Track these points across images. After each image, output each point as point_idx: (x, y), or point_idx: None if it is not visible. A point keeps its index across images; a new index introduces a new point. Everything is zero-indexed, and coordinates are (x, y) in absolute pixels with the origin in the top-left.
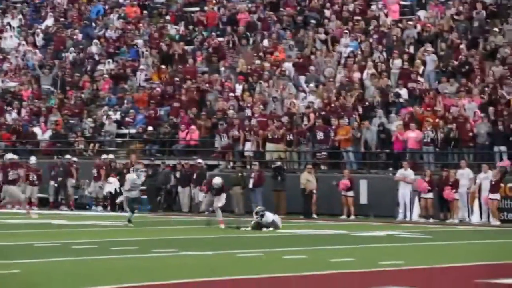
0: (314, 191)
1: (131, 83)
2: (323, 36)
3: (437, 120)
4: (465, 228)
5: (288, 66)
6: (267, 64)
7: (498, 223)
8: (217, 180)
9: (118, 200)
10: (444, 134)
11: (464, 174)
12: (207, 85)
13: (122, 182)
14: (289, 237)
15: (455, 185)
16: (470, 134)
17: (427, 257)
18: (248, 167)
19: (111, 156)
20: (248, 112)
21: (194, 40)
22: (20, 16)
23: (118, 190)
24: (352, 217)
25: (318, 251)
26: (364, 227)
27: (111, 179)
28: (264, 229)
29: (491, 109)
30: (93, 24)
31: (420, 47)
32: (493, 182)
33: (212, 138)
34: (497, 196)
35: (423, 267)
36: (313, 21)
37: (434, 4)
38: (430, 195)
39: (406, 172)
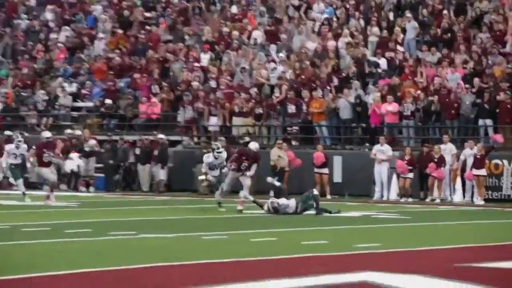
0: (286, 169)
1: (88, 53)
2: (296, 2)
3: (417, 92)
4: (446, 208)
5: (258, 34)
6: (235, 32)
7: (482, 202)
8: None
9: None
10: (425, 106)
11: (446, 150)
12: (171, 54)
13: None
14: (258, 218)
15: (441, 162)
16: (454, 106)
17: (405, 239)
18: (213, 143)
19: (78, 132)
20: (214, 83)
21: (156, 6)
22: None
23: (77, 169)
24: (328, 196)
25: (289, 233)
26: (338, 207)
27: (72, 155)
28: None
29: (476, 80)
30: None
31: (400, 14)
32: (478, 156)
33: (175, 112)
34: (482, 171)
35: (401, 250)
36: None
37: None
38: (410, 175)
39: (382, 148)
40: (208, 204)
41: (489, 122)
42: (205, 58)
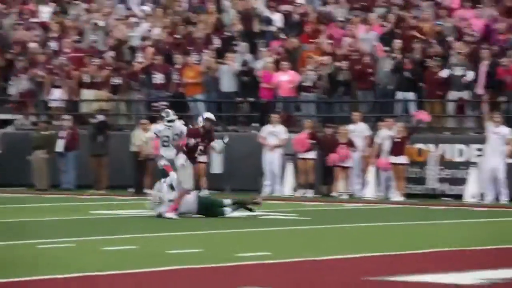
0: (151, 157)
1: None
2: None
3: (321, 56)
4: (355, 206)
5: None
6: None
7: (401, 198)
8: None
9: None
10: (330, 76)
11: (356, 131)
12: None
13: None
14: (115, 220)
15: (349, 147)
16: (367, 75)
17: (303, 246)
18: (56, 123)
19: None
20: (56, 45)
21: None
22: None
23: None
24: (206, 191)
25: (152, 240)
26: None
27: None
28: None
29: (396, 41)
30: None
31: None
32: (395, 140)
33: (5, 82)
34: (402, 159)
35: (296, 260)
36: None
37: None
38: (311, 155)
39: (275, 129)
40: (50, 202)
41: (411, 95)
42: (45, 11)
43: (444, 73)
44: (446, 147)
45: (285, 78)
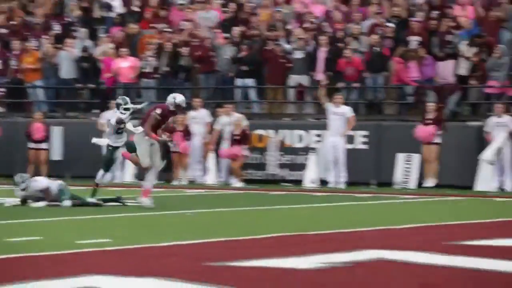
0: None
1: None
2: None
3: (162, 41)
4: (196, 192)
5: None
6: None
7: (240, 184)
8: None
9: None
10: (171, 61)
11: (197, 118)
12: None
13: None
14: None
15: (187, 134)
16: (209, 61)
17: (143, 232)
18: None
19: None
20: None
21: None
22: None
23: None
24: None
25: None
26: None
27: None
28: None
29: (236, 28)
30: None
31: None
32: (235, 138)
33: None
34: (239, 150)
35: (135, 246)
36: None
37: None
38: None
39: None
40: None
41: (250, 82)
42: None
43: (285, 59)
44: (286, 133)
45: (125, 65)
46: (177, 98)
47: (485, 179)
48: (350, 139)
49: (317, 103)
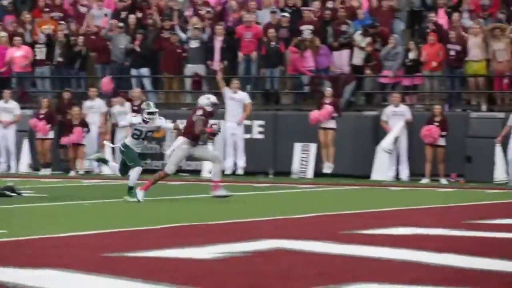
0: None
1: None
2: None
3: (55, 30)
4: (93, 183)
5: None
6: None
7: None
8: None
9: None
10: (64, 50)
11: (94, 107)
12: None
13: None
14: None
15: (83, 125)
16: (105, 51)
17: (38, 224)
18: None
19: None
20: None
21: None
22: None
23: None
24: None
25: None
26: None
27: None
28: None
29: (132, 16)
30: None
31: None
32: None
33: None
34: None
35: (31, 237)
36: None
37: None
38: (50, 135)
39: (8, 105)
40: None
41: (145, 71)
42: None
43: (180, 48)
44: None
45: (19, 54)
46: (211, 98)
47: (382, 168)
48: (248, 129)
49: (214, 92)
